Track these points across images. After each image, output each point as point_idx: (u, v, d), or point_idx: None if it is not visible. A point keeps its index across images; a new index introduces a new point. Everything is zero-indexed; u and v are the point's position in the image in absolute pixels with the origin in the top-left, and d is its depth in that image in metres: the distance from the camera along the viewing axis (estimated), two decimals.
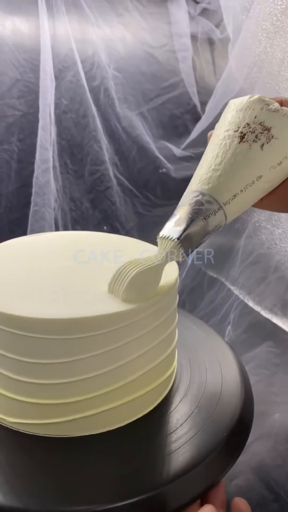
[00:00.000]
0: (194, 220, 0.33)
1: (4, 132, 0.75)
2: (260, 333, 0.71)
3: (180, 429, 0.36)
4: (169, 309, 0.38)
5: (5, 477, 0.32)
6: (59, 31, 0.75)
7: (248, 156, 0.34)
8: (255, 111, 0.35)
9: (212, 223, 0.33)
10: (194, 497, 0.32)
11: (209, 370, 0.43)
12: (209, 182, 0.34)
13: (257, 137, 0.34)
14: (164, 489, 0.31)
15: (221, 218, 0.34)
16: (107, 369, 0.34)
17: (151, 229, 0.86)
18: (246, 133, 0.34)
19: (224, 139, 0.35)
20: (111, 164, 0.83)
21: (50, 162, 0.74)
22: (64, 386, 0.34)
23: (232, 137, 0.35)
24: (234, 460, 0.36)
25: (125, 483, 0.31)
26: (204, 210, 0.33)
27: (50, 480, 0.32)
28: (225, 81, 0.78)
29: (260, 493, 0.57)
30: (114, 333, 0.34)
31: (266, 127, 0.34)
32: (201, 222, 0.33)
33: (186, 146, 0.87)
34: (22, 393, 0.35)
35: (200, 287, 0.84)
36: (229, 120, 0.36)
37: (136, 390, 0.37)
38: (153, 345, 0.37)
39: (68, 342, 0.33)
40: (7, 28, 0.73)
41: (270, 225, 0.72)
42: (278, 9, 0.68)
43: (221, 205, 0.34)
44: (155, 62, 0.85)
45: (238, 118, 0.35)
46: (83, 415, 0.35)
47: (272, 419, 0.62)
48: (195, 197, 0.34)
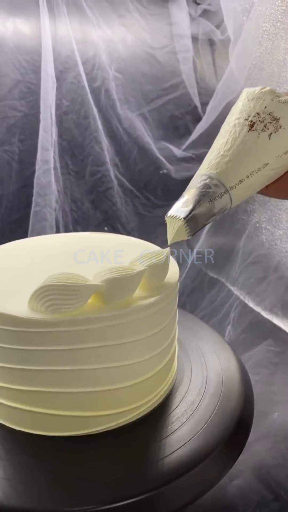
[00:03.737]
0: (201, 201, 0.35)
1: (5, 133, 0.75)
2: (260, 333, 0.71)
3: (181, 429, 0.36)
4: (170, 310, 0.38)
5: (6, 475, 0.32)
6: (60, 32, 0.75)
7: (256, 144, 0.36)
8: (266, 102, 0.36)
9: (218, 205, 0.35)
10: (194, 497, 0.33)
11: (209, 370, 0.43)
12: (217, 167, 0.36)
13: (266, 127, 0.36)
14: (164, 490, 0.32)
15: (227, 201, 0.35)
16: (108, 365, 0.35)
17: (151, 230, 0.86)
18: (255, 122, 0.36)
19: (234, 127, 0.37)
20: (112, 165, 0.83)
21: (51, 163, 0.74)
22: (65, 377, 0.34)
23: (242, 125, 0.36)
24: (234, 461, 0.36)
25: (124, 484, 0.32)
26: (211, 193, 0.35)
27: (49, 480, 0.32)
28: (226, 82, 0.78)
29: (260, 493, 0.57)
30: (114, 330, 0.34)
31: (275, 117, 0.36)
32: (208, 204, 0.35)
33: (187, 147, 0.87)
34: (24, 383, 0.35)
35: (201, 288, 0.84)
36: (240, 109, 0.37)
37: (138, 392, 0.37)
38: (154, 346, 0.37)
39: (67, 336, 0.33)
40: (8, 29, 0.74)
41: (270, 226, 0.72)
42: (278, 11, 0.68)
43: (227, 189, 0.35)
44: (156, 63, 0.85)
45: (249, 107, 0.37)
46: (82, 414, 0.35)
47: (272, 419, 0.62)
48: (203, 180, 0.35)
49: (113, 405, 0.36)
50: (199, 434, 0.36)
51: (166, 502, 0.32)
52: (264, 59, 0.71)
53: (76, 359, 0.34)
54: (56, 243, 0.47)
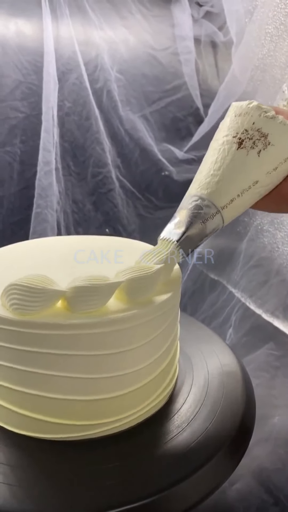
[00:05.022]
0: (193, 223, 0.35)
1: (7, 134, 0.75)
2: (262, 336, 0.71)
3: (182, 434, 0.36)
4: (172, 313, 0.38)
5: (5, 480, 0.32)
6: (63, 34, 0.75)
7: (246, 162, 0.35)
8: (254, 117, 0.36)
9: (210, 226, 0.35)
10: (196, 502, 0.32)
11: (210, 374, 0.43)
12: (208, 188, 0.36)
13: (255, 144, 0.35)
14: (165, 495, 0.31)
15: (219, 222, 0.36)
16: (108, 374, 0.34)
17: (153, 232, 0.86)
18: (244, 139, 0.36)
19: (223, 144, 0.36)
20: (114, 167, 0.83)
21: (52, 164, 0.74)
22: (66, 385, 0.34)
23: (230, 142, 0.36)
24: (235, 466, 0.36)
25: (125, 489, 0.31)
26: (202, 214, 0.35)
27: (49, 485, 0.32)
28: (228, 84, 0.78)
29: (260, 497, 0.57)
30: (116, 336, 0.33)
31: (263, 133, 0.35)
32: (200, 225, 0.35)
33: (189, 149, 0.87)
34: (25, 385, 0.34)
35: (202, 290, 0.84)
36: (228, 125, 0.37)
37: (139, 397, 0.37)
38: (155, 349, 0.37)
39: (69, 340, 0.33)
40: (10, 30, 0.74)
41: (272, 228, 0.72)
42: (281, 13, 0.68)
43: (219, 210, 0.35)
44: (158, 65, 0.85)
45: (236, 124, 0.36)
46: (84, 422, 0.35)
47: (272, 422, 0.62)
48: (194, 201, 0.36)
49: (112, 412, 0.36)
50: (200, 439, 0.35)
51: (167, 508, 0.32)
52: (267, 61, 0.71)
53: (67, 366, 0.33)
54: (56, 246, 0.47)
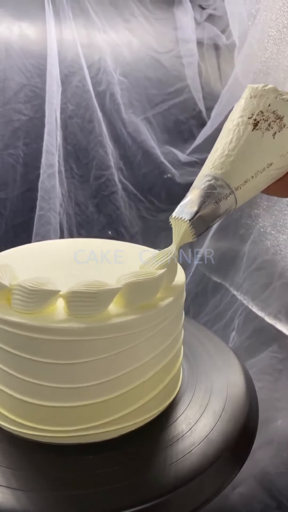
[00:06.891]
0: (206, 203, 0.34)
1: (10, 137, 0.75)
2: (264, 339, 0.70)
3: (185, 437, 0.36)
4: (174, 314, 0.38)
5: (9, 484, 0.32)
6: (66, 37, 0.76)
7: (261, 144, 0.35)
8: (269, 99, 0.36)
9: (223, 206, 0.35)
10: (199, 506, 0.32)
11: (214, 377, 0.43)
12: (222, 167, 0.35)
13: (270, 126, 0.35)
14: (168, 498, 0.31)
15: (232, 203, 0.35)
16: (112, 376, 0.34)
17: (155, 234, 0.86)
18: (259, 121, 0.36)
19: (238, 125, 0.36)
20: (116, 169, 0.83)
21: (55, 166, 0.75)
22: (68, 392, 0.34)
23: (245, 123, 0.36)
24: (238, 469, 0.36)
25: (127, 492, 0.31)
26: (216, 194, 0.34)
27: (52, 488, 0.32)
28: (230, 87, 0.78)
29: (263, 501, 0.56)
30: (119, 340, 0.33)
31: (279, 115, 0.35)
32: (213, 205, 0.34)
33: (191, 151, 0.87)
34: (28, 394, 0.34)
35: (204, 293, 0.84)
36: (243, 106, 0.37)
37: (140, 398, 0.37)
38: (158, 351, 0.37)
39: (71, 346, 0.33)
40: (14, 33, 0.74)
41: (275, 231, 0.72)
42: (284, 16, 0.68)
43: (232, 190, 0.35)
44: (161, 68, 0.85)
45: (252, 105, 0.36)
46: (86, 425, 0.35)
47: (275, 426, 0.62)
48: (208, 181, 0.35)
49: (112, 413, 0.35)
50: (203, 442, 0.35)
51: (170, 511, 0.32)
52: (270, 64, 0.71)
53: (81, 375, 0.33)
54: (59, 249, 0.47)
